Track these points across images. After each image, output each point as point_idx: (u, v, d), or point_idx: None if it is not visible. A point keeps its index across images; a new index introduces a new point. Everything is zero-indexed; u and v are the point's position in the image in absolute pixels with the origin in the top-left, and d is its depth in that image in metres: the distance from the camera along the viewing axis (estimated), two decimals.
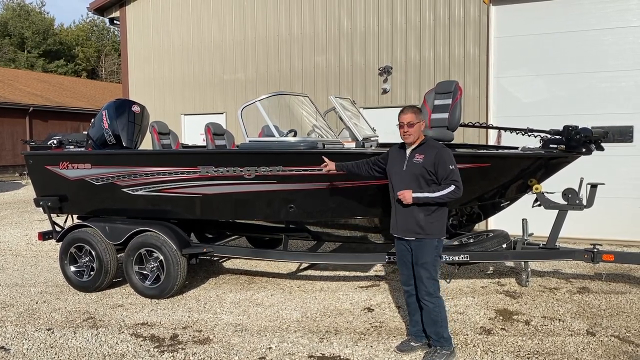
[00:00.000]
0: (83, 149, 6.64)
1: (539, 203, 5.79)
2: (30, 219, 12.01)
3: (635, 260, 5.78)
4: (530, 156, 5.38)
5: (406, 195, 4.10)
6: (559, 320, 5.05)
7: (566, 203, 5.73)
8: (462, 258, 5.49)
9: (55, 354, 4.51)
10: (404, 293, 4.47)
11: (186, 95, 11.34)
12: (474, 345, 4.51)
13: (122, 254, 6.16)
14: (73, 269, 6.31)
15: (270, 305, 5.66)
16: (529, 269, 6.17)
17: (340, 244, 6.84)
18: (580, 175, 5.61)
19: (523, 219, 6.15)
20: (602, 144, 5.33)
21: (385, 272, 6.87)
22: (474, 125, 6.66)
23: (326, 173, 5.15)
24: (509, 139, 7.16)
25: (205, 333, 4.93)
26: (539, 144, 5.57)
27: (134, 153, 6.24)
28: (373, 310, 5.46)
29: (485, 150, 6.48)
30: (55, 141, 6.81)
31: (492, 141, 8.82)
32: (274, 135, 5.63)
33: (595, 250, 5.53)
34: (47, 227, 6.98)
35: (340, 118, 6.32)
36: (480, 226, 8.44)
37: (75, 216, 6.91)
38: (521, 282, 6.16)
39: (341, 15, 9.93)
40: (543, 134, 5.63)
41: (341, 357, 4.35)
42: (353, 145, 5.85)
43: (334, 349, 4.49)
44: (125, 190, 6.10)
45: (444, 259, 5.37)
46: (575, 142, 5.20)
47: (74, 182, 6.32)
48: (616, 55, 8.28)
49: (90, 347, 4.64)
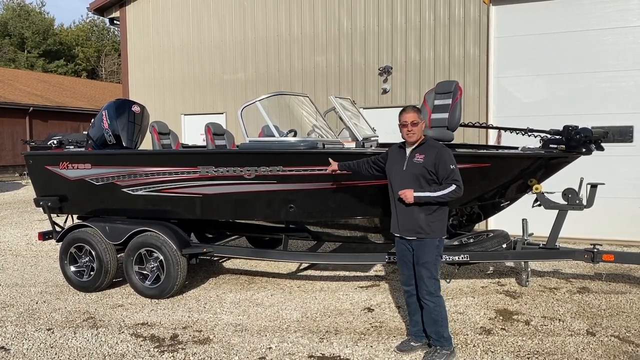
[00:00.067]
0: (83, 149, 6.65)
1: (539, 203, 5.80)
2: (30, 219, 12.01)
3: (635, 260, 5.78)
4: (530, 156, 5.38)
5: (407, 194, 4.10)
6: (559, 320, 5.05)
7: (566, 203, 5.74)
8: (462, 258, 5.50)
9: (55, 354, 4.51)
10: (404, 293, 4.47)
11: (186, 95, 11.34)
12: (474, 345, 4.51)
13: (122, 254, 6.17)
14: (73, 269, 6.32)
15: (270, 305, 5.66)
16: (529, 269, 6.18)
17: (340, 244, 6.84)
18: (580, 175, 5.61)
19: (523, 219, 6.15)
20: (602, 144, 5.33)
21: (385, 272, 6.87)
22: (474, 125, 6.67)
23: (326, 173, 5.16)
24: (509, 139, 7.16)
25: (205, 333, 4.93)
26: (539, 144, 5.57)
27: (134, 153, 6.24)
28: (373, 310, 5.46)
29: (485, 150, 6.48)
30: (55, 141, 6.81)
31: (492, 141, 8.82)
32: (274, 135, 5.63)
33: (595, 250, 5.53)
34: (47, 227, 6.98)
35: (340, 118, 6.32)
36: (480, 226, 8.44)
37: (75, 216, 6.91)
38: (521, 282, 6.16)
39: (341, 15, 9.93)
40: (543, 134, 5.63)
41: (341, 357, 4.35)
42: (353, 145, 5.85)
43: (334, 349, 4.50)
44: (125, 190, 6.11)
45: (444, 259, 5.36)
46: (575, 142, 5.20)
47: (74, 182, 6.33)
48: (616, 55, 8.28)
49: (90, 347, 4.64)
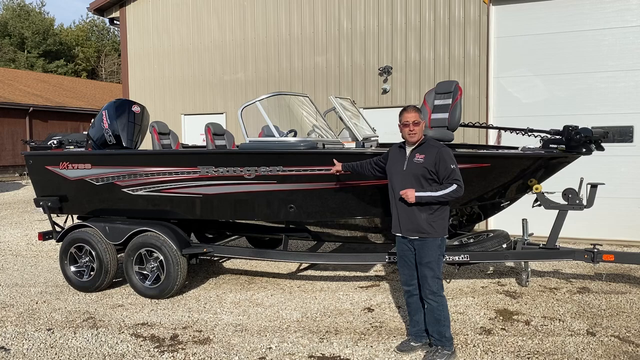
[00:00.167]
0: (83, 149, 6.65)
1: (539, 203, 5.80)
2: (30, 219, 12.01)
3: (635, 260, 5.78)
4: (530, 156, 5.38)
5: (409, 194, 4.10)
6: (559, 320, 5.05)
7: (566, 203, 5.74)
8: (462, 258, 5.50)
9: (55, 354, 4.51)
10: (404, 293, 4.47)
11: (186, 95, 11.35)
12: (474, 345, 4.51)
13: (122, 254, 6.17)
14: (73, 269, 6.32)
15: (270, 305, 5.66)
16: (529, 269, 6.18)
17: (340, 244, 6.84)
18: (580, 175, 5.62)
19: (523, 219, 6.15)
20: (602, 144, 5.34)
21: (385, 272, 6.87)
22: (474, 125, 6.68)
23: (326, 173, 5.16)
24: (509, 139, 7.16)
25: (205, 333, 4.93)
26: (539, 144, 5.57)
27: (134, 153, 6.24)
28: (373, 310, 5.46)
29: (485, 150, 6.48)
30: (55, 141, 6.82)
31: (492, 141, 8.82)
32: (274, 136, 5.63)
33: (595, 250, 5.53)
34: (47, 227, 6.99)
35: (340, 118, 6.33)
36: (480, 226, 8.45)
37: (75, 216, 6.91)
38: (521, 282, 6.16)
39: (341, 15, 9.93)
40: (543, 134, 5.64)
41: (341, 357, 4.35)
42: (353, 145, 5.85)
43: (334, 349, 4.50)
44: (125, 190, 6.11)
45: (445, 259, 5.36)
46: (575, 142, 5.20)
47: (74, 182, 6.33)
48: (616, 55, 8.28)
49: (90, 347, 4.64)
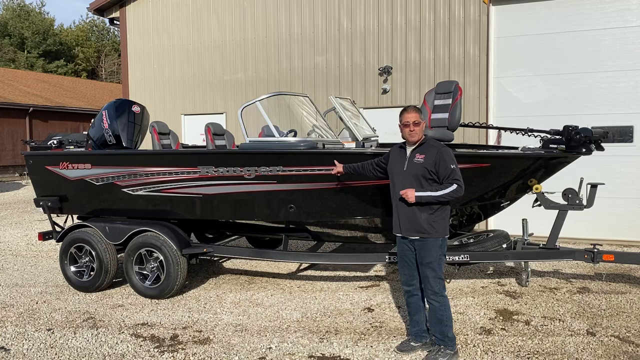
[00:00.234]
0: (83, 149, 6.65)
1: (539, 203, 5.80)
2: (30, 219, 12.01)
3: (635, 260, 5.78)
4: (530, 156, 5.38)
5: (409, 194, 4.10)
6: (559, 320, 5.05)
7: (566, 203, 5.74)
8: (462, 258, 5.50)
9: (55, 354, 4.51)
10: (405, 293, 4.47)
11: (186, 95, 11.35)
12: (474, 345, 4.51)
13: (122, 254, 6.17)
14: (73, 269, 6.32)
15: (270, 305, 5.66)
16: (529, 269, 6.18)
17: (340, 244, 6.84)
18: (580, 175, 5.62)
19: (523, 219, 6.15)
20: (602, 144, 5.34)
21: (385, 272, 6.87)
22: (474, 125, 6.68)
23: (326, 173, 5.16)
24: (509, 139, 7.16)
25: (205, 333, 4.93)
26: (539, 144, 5.57)
27: (134, 153, 6.24)
28: (373, 310, 5.46)
29: (485, 150, 6.48)
30: (55, 141, 6.82)
31: (492, 141, 8.82)
32: (274, 136, 5.63)
33: (595, 250, 5.53)
34: (47, 227, 6.99)
35: (340, 118, 6.33)
36: (480, 226, 8.45)
37: (75, 216, 6.91)
38: (521, 282, 6.16)
39: (341, 15, 9.93)
40: (543, 134, 5.64)
41: (341, 357, 4.35)
42: (353, 145, 5.85)
43: (334, 349, 4.50)
44: (125, 190, 6.11)
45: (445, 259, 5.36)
46: (575, 142, 5.20)
47: (74, 182, 6.33)
48: (616, 55, 8.28)
49: (90, 348, 4.64)
